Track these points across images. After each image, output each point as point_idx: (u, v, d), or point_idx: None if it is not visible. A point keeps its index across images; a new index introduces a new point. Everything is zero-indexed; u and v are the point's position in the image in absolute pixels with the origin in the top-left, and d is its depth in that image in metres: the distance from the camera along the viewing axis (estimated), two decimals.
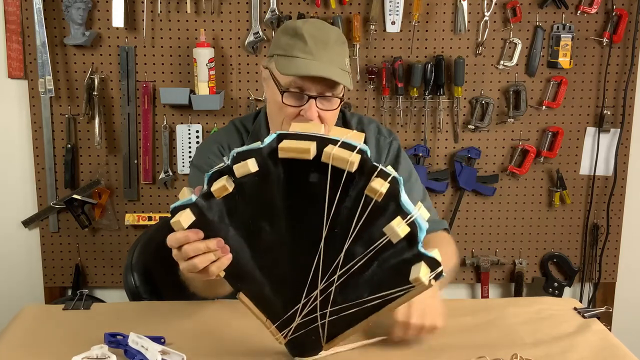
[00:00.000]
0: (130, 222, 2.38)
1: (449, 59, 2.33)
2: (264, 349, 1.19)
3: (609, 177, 2.48)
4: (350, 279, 1.06)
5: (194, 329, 1.28)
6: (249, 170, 0.99)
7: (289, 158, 0.98)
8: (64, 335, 1.26)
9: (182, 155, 2.34)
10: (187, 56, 2.28)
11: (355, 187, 0.99)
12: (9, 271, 2.45)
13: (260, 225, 1.06)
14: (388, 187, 0.97)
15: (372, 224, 1.00)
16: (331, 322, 1.11)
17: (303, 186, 1.01)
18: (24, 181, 2.38)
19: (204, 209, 1.02)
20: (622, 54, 2.39)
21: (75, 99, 2.31)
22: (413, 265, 1.00)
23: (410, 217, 0.98)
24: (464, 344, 1.22)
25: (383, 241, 1.00)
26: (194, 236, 1.04)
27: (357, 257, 1.03)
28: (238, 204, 1.03)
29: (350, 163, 0.96)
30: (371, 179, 0.97)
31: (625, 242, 2.55)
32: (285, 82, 1.37)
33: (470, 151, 2.40)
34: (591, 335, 1.28)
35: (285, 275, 1.10)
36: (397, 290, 1.03)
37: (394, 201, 0.98)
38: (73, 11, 2.20)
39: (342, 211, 1.01)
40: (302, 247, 1.06)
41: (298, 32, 1.36)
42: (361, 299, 1.07)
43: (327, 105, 1.38)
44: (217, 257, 1.05)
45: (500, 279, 2.54)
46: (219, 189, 1.00)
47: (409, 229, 0.98)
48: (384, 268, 1.03)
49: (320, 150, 0.97)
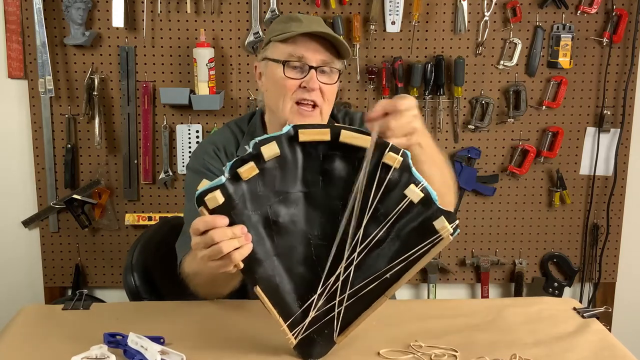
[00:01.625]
0: (130, 222, 2.38)
1: (449, 59, 2.33)
2: (264, 349, 1.19)
3: (609, 177, 2.48)
4: (366, 258, 1.12)
5: (193, 329, 1.28)
6: (275, 152, 1.08)
7: (307, 145, 1.09)
8: (63, 335, 1.26)
9: (182, 155, 2.34)
10: (187, 56, 2.28)
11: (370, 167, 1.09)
12: (9, 271, 2.45)
13: (278, 211, 1.12)
14: (401, 159, 1.08)
15: (385, 198, 1.10)
16: (348, 307, 1.14)
17: (319, 172, 1.11)
18: (24, 181, 2.38)
19: (231, 190, 1.08)
20: (622, 54, 2.39)
21: (75, 99, 2.31)
22: (434, 221, 1.08)
23: (422, 184, 1.09)
24: (464, 344, 1.22)
25: (404, 204, 1.09)
26: (221, 221, 1.06)
27: (371, 235, 1.11)
28: (260, 190, 1.10)
29: (364, 139, 1.08)
30: (385, 153, 1.08)
31: (625, 242, 2.55)
32: (285, 55, 1.41)
33: (470, 151, 2.40)
34: (591, 335, 1.28)
35: (302, 261, 1.15)
36: (424, 245, 1.09)
37: (407, 172, 1.09)
38: (73, 11, 2.20)
39: (356, 193, 1.10)
40: (317, 232, 1.14)
41: (292, 17, 1.45)
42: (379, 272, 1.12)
43: (327, 79, 1.42)
44: (241, 245, 1.07)
45: (500, 279, 2.54)
46: (247, 170, 1.08)
47: (423, 194, 1.08)
48: (401, 235, 1.11)
49: (335, 135, 1.09)
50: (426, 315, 1.37)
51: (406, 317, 1.35)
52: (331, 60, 1.41)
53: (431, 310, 1.40)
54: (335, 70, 1.43)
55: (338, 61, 1.44)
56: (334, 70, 1.43)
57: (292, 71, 1.40)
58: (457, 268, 2.52)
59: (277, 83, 1.42)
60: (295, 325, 1.15)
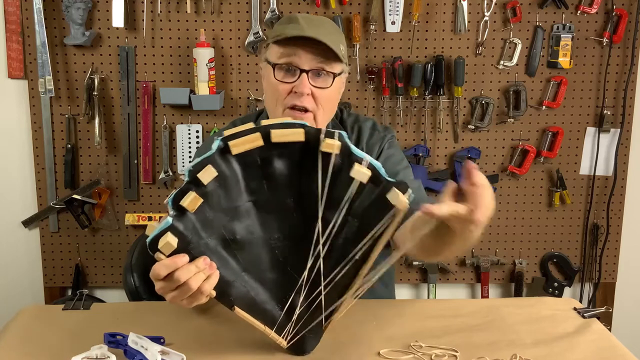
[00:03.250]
0: (130, 222, 2.38)
1: (449, 59, 2.33)
2: (264, 349, 1.19)
3: (609, 177, 2.48)
4: (332, 244, 1.11)
5: (193, 329, 1.28)
6: (214, 174, 1.03)
7: (243, 155, 1.05)
8: (63, 335, 1.26)
9: (182, 155, 2.34)
10: (187, 56, 2.28)
11: (310, 158, 1.07)
12: (9, 271, 2.45)
13: (233, 229, 1.09)
14: (340, 143, 1.05)
15: (335, 184, 1.07)
16: (327, 296, 1.14)
17: (261, 178, 1.08)
18: (24, 181, 2.38)
19: (180, 227, 1.04)
20: (622, 54, 2.39)
21: (75, 99, 2.31)
22: (387, 195, 1.06)
23: (366, 161, 1.06)
24: (464, 344, 1.22)
25: (355, 186, 1.06)
26: (182, 260, 1.03)
27: (332, 221, 1.09)
28: (208, 215, 1.06)
29: (298, 134, 1.05)
30: (321, 141, 1.05)
31: (625, 242, 2.55)
32: (276, 58, 1.37)
33: (470, 151, 2.40)
34: (591, 335, 1.28)
35: (270, 268, 1.14)
36: (385, 220, 1.07)
37: (348, 153, 1.06)
38: (73, 11, 2.20)
39: (302, 187, 1.09)
40: (277, 233, 1.12)
41: (292, 17, 1.40)
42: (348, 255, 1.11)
43: (321, 83, 1.37)
44: (207, 275, 1.05)
45: (500, 279, 2.54)
46: (191, 202, 1.04)
47: (370, 171, 1.06)
48: (359, 214, 1.09)
49: (266, 136, 1.04)
50: (426, 315, 1.37)
51: (406, 317, 1.35)
52: (325, 63, 1.36)
53: (431, 310, 1.40)
54: (330, 74, 1.38)
55: (336, 64, 1.38)
56: (329, 74, 1.38)
57: (282, 74, 1.37)
58: (457, 268, 2.52)
59: (270, 86, 1.39)
60: (282, 328, 1.16)
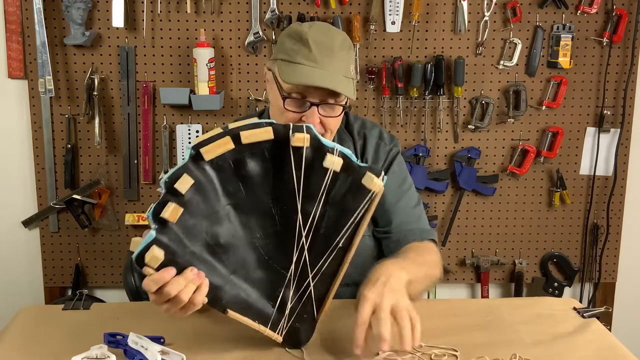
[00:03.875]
0: (130, 222, 2.38)
1: (449, 59, 2.33)
2: (263, 348, 1.19)
3: (609, 177, 2.48)
4: (315, 236, 1.14)
5: (193, 329, 1.28)
6: (190, 182, 1.05)
7: (215, 159, 1.07)
8: (63, 335, 1.26)
9: (182, 156, 2.34)
10: (187, 56, 2.28)
11: (282, 155, 1.10)
12: (9, 271, 2.45)
13: (215, 233, 1.11)
14: (309, 136, 1.08)
15: (309, 177, 1.11)
16: (316, 287, 1.17)
17: (237, 180, 1.10)
18: (24, 181, 2.38)
19: (164, 240, 1.05)
20: (622, 54, 2.39)
21: (75, 99, 2.31)
22: (363, 180, 1.11)
23: (336, 149, 1.10)
24: (464, 344, 1.22)
25: (330, 175, 1.10)
26: (169, 274, 1.04)
27: (311, 213, 1.13)
28: (190, 223, 1.07)
29: (267, 132, 1.08)
30: (291, 136, 1.08)
31: (625, 242, 2.55)
32: (287, 88, 1.35)
33: (470, 151, 2.40)
34: (591, 335, 1.28)
35: (257, 266, 1.16)
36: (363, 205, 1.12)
37: (318, 144, 1.10)
38: (73, 11, 2.20)
39: (281, 182, 1.12)
40: (259, 233, 1.14)
41: (303, 37, 1.33)
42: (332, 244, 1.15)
43: (330, 112, 1.36)
44: (197, 286, 1.06)
45: (500, 279, 2.54)
46: (172, 212, 1.04)
47: (341, 159, 1.10)
48: (336, 204, 1.13)
49: (236, 139, 1.07)
50: (426, 315, 1.36)
51: None
52: (335, 96, 1.34)
53: (431, 310, 1.40)
54: (339, 105, 1.37)
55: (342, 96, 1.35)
56: (338, 105, 1.36)
57: (292, 104, 1.35)
58: (457, 268, 2.52)
59: (279, 109, 1.37)
60: (276, 324, 1.17)
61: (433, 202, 2.44)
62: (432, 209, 2.45)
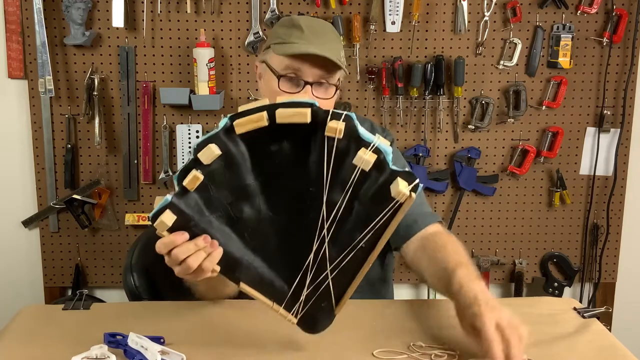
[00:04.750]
0: (130, 222, 2.38)
1: (449, 59, 2.33)
2: (264, 349, 1.19)
3: (609, 177, 2.48)
4: (339, 229, 1.10)
5: (194, 329, 1.28)
6: (214, 153, 1.03)
7: (248, 133, 1.03)
8: (63, 335, 1.26)
9: (182, 155, 2.34)
10: (187, 56, 2.28)
11: (315, 139, 1.05)
12: (9, 271, 2.45)
13: (239, 207, 1.09)
14: (344, 124, 1.02)
15: (341, 167, 1.06)
16: (335, 279, 1.13)
17: (268, 158, 1.07)
18: (24, 181, 2.38)
19: (181, 205, 1.05)
20: (622, 54, 2.39)
21: (75, 99, 2.31)
22: (391, 185, 1.04)
23: (373, 145, 1.03)
24: (464, 344, 1.22)
25: (357, 173, 1.04)
26: (180, 238, 1.05)
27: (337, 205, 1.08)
28: (213, 193, 1.06)
29: (303, 115, 1.02)
30: (327, 123, 1.02)
31: (625, 242, 2.55)
32: (281, 68, 1.38)
33: (470, 151, 2.40)
34: (591, 335, 1.28)
35: (277, 248, 1.13)
36: (385, 212, 1.05)
37: (354, 137, 1.03)
38: (73, 11, 2.20)
39: (311, 167, 1.07)
40: (284, 215, 1.11)
41: (295, 22, 1.40)
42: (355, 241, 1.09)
43: (323, 94, 1.40)
44: (208, 253, 1.06)
45: (500, 279, 2.54)
46: (191, 181, 1.04)
47: (375, 156, 1.03)
48: (364, 202, 1.07)
49: (272, 116, 1.02)
50: (426, 315, 1.36)
51: (406, 317, 1.35)
52: (328, 75, 1.39)
53: (431, 310, 1.40)
54: (332, 85, 1.41)
55: (336, 74, 1.42)
56: (331, 85, 1.41)
57: (287, 84, 1.39)
58: None
59: (273, 94, 1.39)
60: (290, 306, 1.15)
61: (433, 202, 2.44)
62: (432, 209, 2.45)
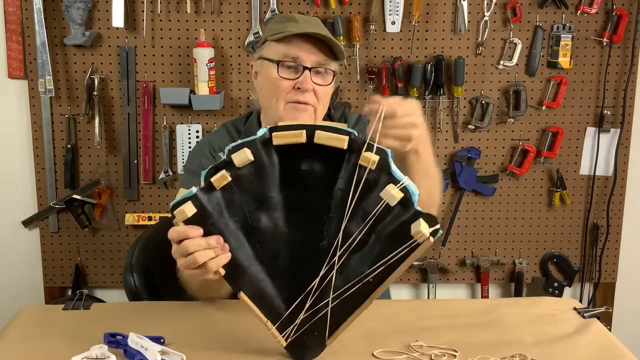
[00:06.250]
0: (130, 222, 2.38)
1: (449, 59, 2.33)
2: (264, 349, 1.19)
3: (609, 177, 2.48)
4: (349, 259, 1.10)
5: (193, 329, 1.28)
6: (247, 158, 1.05)
7: (283, 148, 1.06)
8: (63, 335, 1.26)
9: (182, 155, 2.34)
10: (187, 56, 2.28)
11: (347, 166, 1.08)
12: (9, 271, 2.45)
13: (258, 217, 1.11)
14: (378, 158, 1.05)
15: (365, 199, 1.07)
16: (334, 309, 1.13)
17: (297, 175, 1.09)
18: (24, 181, 2.38)
19: (204, 201, 1.06)
20: (622, 54, 2.39)
21: (75, 99, 2.31)
22: (412, 224, 1.05)
23: (402, 183, 1.05)
24: (464, 344, 1.22)
25: (381, 206, 1.06)
26: (195, 232, 1.06)
27: (353, 236, 1.09)
28: (236, 197, 1.08)
29: (341, 140, 1.05)
30: (362, 152, 1.06)
31: (625, 242, 2.55)
32: (279, 55, 1.41)
33: (470, 151, 2.40)
34: (591, 335, 1.28)
35: (285, 266, 1.14)
36: (401, 250, 1.05)
37: (385, 171, 1.06)
38: (73, 11, 2.20)
39: (336, 194, 1.09)
40: (299, 235, 1.12)
41: (289, 16, 1.46)
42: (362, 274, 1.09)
43: (321, 80, 1.42)
44: (217, 254, 1.07)
45: (500, 279, 2.54)
46: (219, 179, 1.06)
47: (402, 194, 1.05)
48: (382, 238, 1.08)
49: (311, 136, 1.06)
50: (426, 315, 1.37)
51: (406, 317, 1.35)
52: (326, 61, 1.42)
53: (431, 310, 1.40)
54: (329, 71, 1.43)
55: (333, 62, 1.44)
56: (329, 72, 1.43)
57: (286, 71, 1.41)
58: (457, 268, 2.52)
59: (272, 83, 1.42)
60: (284, 327, 1.15)
61: None
62: None
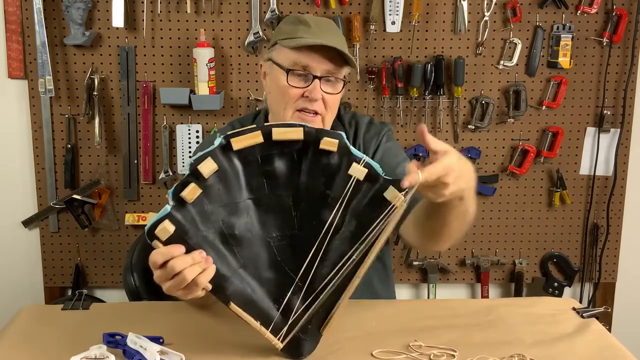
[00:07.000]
0: (130, 222, 2.38)
1: (449, 59, 2.33)
2: (263, 349, 1.19)
3: (609, 177, 2.48)
4: (330, 244, 1.13)
5: (193, 329, 1.28)
6: (214, 167, 1.07)
7: (243, 152, 1.09)
8: (62, 335, 1.26)
9: (182, 155, 2.34)
10: (187, 56, 2.28)
11: (307, 157, 1.11)
12: (9, 271, 2.45)
13: (232, 224, 1.12)
14: (338, 142, 1.10)
15: (331, 184, 1.12)
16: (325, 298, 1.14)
17: (261, 176, 1.12)
18: (24, 181, 2.38)
19: (179, 217, 1.07)
20: (622, 54, 2.38)
21: (75, 99, 2.31)
22: (384, 193, 1.09)
23: (364, 160, 1.10)
24: (464, 344, 1.22)
25: (352, 183, 1.10)
26: (178, 250, 1.05)
27: (328, 221, 1.12)
28: (207, 208, 1.09)
29: (297, 132, 1.10)
30: (321, 140, 1.10)
31: (625, 242, 2.55)
32: (289, 63, 1.38)
33: (470, 151, 2.40)
34: (590, 335, 1.28)
35: (268, 266, 1.15)
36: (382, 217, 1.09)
37: (346, 153, 1.11)
38: (73, 11, 2.20)
39: (301, 186, 1.13)
40: (276, 232, 1.15)
41: (301, 19, 1.42)
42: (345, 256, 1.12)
43: (331, 89, 1.40)
44: (203, 269, 1.06)
45: (500, 279, 2.54)
46: (191, 192, 1.07)
47: (367, 170, 1.10)
48: (357, 215, 1.12)
49: (267, 135, 1.09)
50: (426, 315, 1.37)
51: (406, 317, 1.35)
52: (336, 70, 1.40)
53: (431, 310, 1.40)
54: (339, 79, 1.42)
55: (344, 69, 1.42)
56: (339, 80, 1.41)
57: (295, 79, 1.39)
58: (457, 268, 2.52)
59: (280, 89, 1.41)
60: (278, 329, 1.16)
61: None
62: None
